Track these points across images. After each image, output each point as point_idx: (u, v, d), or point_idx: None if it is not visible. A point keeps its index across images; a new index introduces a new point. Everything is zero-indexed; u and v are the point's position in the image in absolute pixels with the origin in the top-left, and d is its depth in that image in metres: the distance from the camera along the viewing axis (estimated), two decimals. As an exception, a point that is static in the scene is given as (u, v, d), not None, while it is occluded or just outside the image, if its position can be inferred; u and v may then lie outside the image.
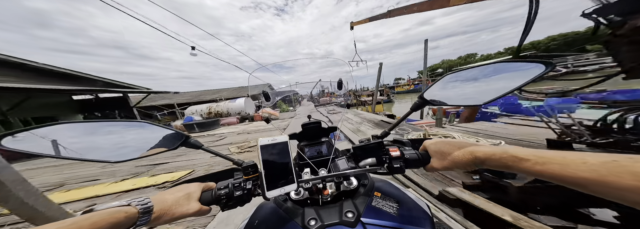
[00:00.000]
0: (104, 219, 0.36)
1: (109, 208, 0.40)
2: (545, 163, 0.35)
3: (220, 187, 0.58)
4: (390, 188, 0.71)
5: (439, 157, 0.55)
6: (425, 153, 0.60)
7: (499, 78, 0.58)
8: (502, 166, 0.42)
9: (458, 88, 0.65)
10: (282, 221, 0.59)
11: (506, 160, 0.41)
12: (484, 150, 0.45)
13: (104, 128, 0.57)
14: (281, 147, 0.56)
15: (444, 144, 0.55)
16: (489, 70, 0.60)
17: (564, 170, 0.33)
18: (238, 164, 0.64)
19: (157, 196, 0.49)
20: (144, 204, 0.44)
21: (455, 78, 0.65)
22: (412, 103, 0.71)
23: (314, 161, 0.78)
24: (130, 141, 0.59)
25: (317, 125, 0.91)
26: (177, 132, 0.64)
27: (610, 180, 0.29)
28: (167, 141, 0.63)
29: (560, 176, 0.33)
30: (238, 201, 0.57)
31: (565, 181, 0.33)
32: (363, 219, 0.54)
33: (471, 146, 0.49)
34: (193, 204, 0.51)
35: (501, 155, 0.42)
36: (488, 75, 0.60)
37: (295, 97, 3.61)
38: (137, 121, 0.61)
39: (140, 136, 0.61)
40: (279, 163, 0.55)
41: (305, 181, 0.62)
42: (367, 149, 0.65)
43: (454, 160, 0.51)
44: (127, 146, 0.58)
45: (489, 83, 0.59)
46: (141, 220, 0.42)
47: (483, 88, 0.60)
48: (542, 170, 0.35)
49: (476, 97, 0.60)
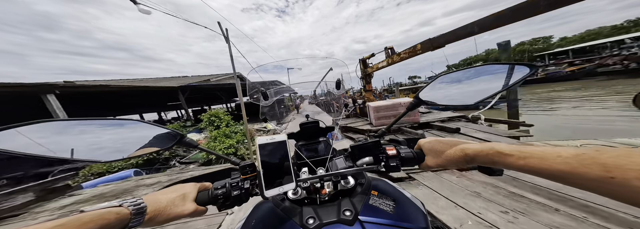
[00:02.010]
0: (93, 221, 0.35)
1: (99, 209, 0.38)
2: (526, 158, 0.36)
3: (217, 187, 0.57)
4: (387, 187, 0.72)
5: (433, 155, 0.57)
6: (420, 152, 0.61)
7: (487, 80, 0.61)
8: (490, 162, 0.43)
9: (450, 89, 0.67)
10: (280, 221, 0.59)
11: (492, 156, 0.42)
12: (474, 147, 0.47)
13: (93, 127, 0.55)
14: (279, 146, 0.56)
15: (437, 143, 0.57)
16: (479, 71, 0.63)
17: (542, 163, 0.34)
18: (235, 163, 0.63)
19: (150, 197, 0.47)
20: (136, 204, 0.42)
21: (447, 80, 0.68)
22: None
23: (311, 161, 0.78)
24: (123, 140, 0.58)
25: (315, 124, 0.91)
26: (171, 131, 0.62)
27: (581, 171, 0.30)
28: (160, 140, 0.61)
29: (539, 170, 0.35)
30: (235, 200, 0.56)
31: (543, 174, 0.35)
32: (361, 217, 0.55)
33: (462, 144, 0.51)
34: (188, 205, 0.50)
35: (488, 151, 0.43)
36: (475, 77, 0.63)
37: (291, 100, 3.39)
38: (131, 120, 0.60)
39: (134, 135, 0.59)
40: (277, 163, 0.55)
41: (303, 180, 0.62)
42: (364, 148, 0.66)
43: (446, 158, 0.52)
44: (119, 146, 0.57)
45: (478, 85, 0.62)
46: (133, 221, 0.40)
47: (473, 89, 0.63)
48: (523, 164, 0.37)
49: (467, 97, 0.63)
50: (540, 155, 0.35)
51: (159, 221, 0.45)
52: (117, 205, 0.41)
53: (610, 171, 0.27)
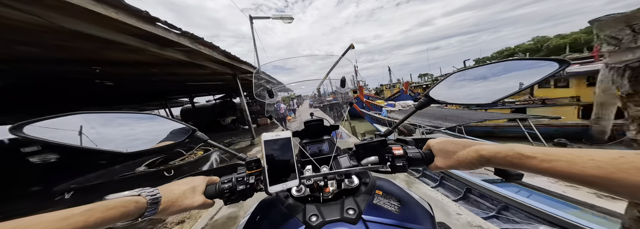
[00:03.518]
0: (116, 208, 0.38)
1: (121, 197, 0.42)
2: (552, 161, 0.34)
3: (224, 181, 0.59)
4: (392, 187, 0.71)
5: (443, 156, 0.55)
6: (428, 152, 0.60)
7: (508, 77, 0.57)
8: (508, 165, 0.41)
9: (466, 87, 0.63)
10: (283, 217, 0.59)
11: (512, 158, 0.40)
12: (490, 148, 0.45)
13: (117, 120, 0.59)
14: (284, 143, 0.57)
15: (448, 143, 0.55)
16: (499, 68, 0.59)
17: (571, 167, 0.32)
18: (241, 159, 0.65)
19: (165, 187, 0.51)
20: (153, 195, 0.45)
21: (462, 77, 0.64)
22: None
23: (316, 159, 0.78)
24: (142, 133, 0.62)
25: (320, 122, 0.92)
26: (185, 126, 0.66)
27: (618, 176, 0.28)
28: (175, 134, 0.65)
29: (568, 174, 0.32)
30: (241, 195, 0.58)
31: (572, 179, 0.32)
32: (364, 216, 0.55)
33: (476, 145, 0.48)
34: (198, 198, 0.53)
35: (507, 153, 0.41)
36: (497, 74, 0.59)
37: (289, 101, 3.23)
38: (148, 113, 0.64)
39: (151, 129, 0.63)
40: (282, 159, 0.56)
41: (306, 177, 0.62)
42: (370, 147, 0.65)
43: (458, 159, 0.50)
44: (138, 138, 0.61)
45: (498, 82, 0.59)
46: (149, 211, 0.43)
47: (492, 86, 0.59)
48: (548, 167, 0.34)
49: (485, 95, 0.60)
50: (569, 158, 0.32)
51: (171, 212, 0.48)
52: (137, 194, 0.44)
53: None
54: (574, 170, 0.31)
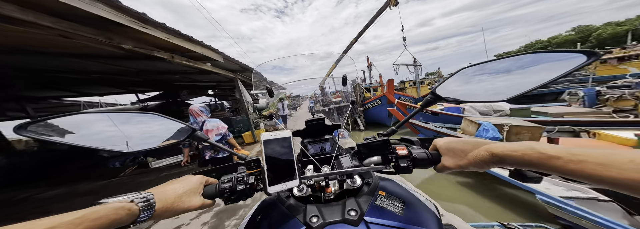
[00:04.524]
0: (106, 215, 0.36)
1: (113, 203, 0.40)
2: (581, 162, 0.30)
3: (224, 181, 0.58)
4: (396, 188, 0.69)
5: (451, 156, 0.52)
6: (435, 153, 0.57)
7: (530, 71, 0.52)
8: (526, 164, 0.37)
9: (479, 83, 0.59)
10: (284, 218, 0.59)
11: (531, 158, 0.36)
12: (503, 146, 0.41)
13: (119, 119, 0.60)
14: (284, 143, 0.56)
15: (456, 142, 0.52)
16: (523, 61, 0.53)
17: (606, 170, 0.28)
18: (241, 158, 0.64)
19: (159, 190, 0.49)
20: (146, 200, 0.43)
21: (474, 72, 0.60)
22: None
23: (317, 159, 0.77)
24: (142, 132, 0.62)
25: (321, 122, 0.90)
26: (185, 125, 0.66)
27: None
28: (175, 133, 0.65)
29: (601, 178, 0.29)
30: (241, 195, 0.58)
31: (607, 183, 0.28)
32: (366, 217, 0.53)
33: (487, 143, 0.45)
34: (196, 199, 0.52)
35: (524, 151, 0.37)
36: (518, 68, 0.54)
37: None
38: (148, 113, 0.64)
39: (151, 128, 0.64)
40: (282, 159, 0.55)
41: (307, 177, 0.61)
42: (372, 147, 0.63)
43: (467, 159, 0.47)
44: (138, 137, 0.61)
45: (517, 76, 0.54)
46: (142, 217, 0.42)
47: (507, 82, 0.55)
48: (577, 169, 0.31)
49: (501, 91, 0.55)
50: (602, 160, 0.29)
51: (168, 215, 0.47)
52: (129, 201, 0.42)
53: None
54: (610, 173, 0.28)
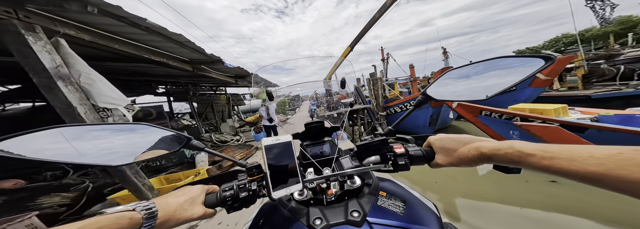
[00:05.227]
0: (108, 225, 0.36)
1: (114, 213, 0.39)
2: (552, 158, 0.34)
3: (225, 189, 0.57)
4: (396, 188, 0.70)
5: (444, 153, 0.55)
6: (429, 150, 0.60)
7: (498, 74, 0.60)
8: (508, 162, 0.41)
9: (458, 85, 0.66)
10: (287, 221, 0.58)
11: (512, 156, 0.40)
12: (490, 145, 0.45)
13: (104, 132, 0.56)
14: (285, 147, 0.56)
15: (449, 140, 0.55)
16: (488, 66, 0.62)
17: (571, 164, 0.32)
18: (242, 165, 0.63)
19: (160, 200, 0.48)
20: (148, 209, 0.42)
21: (457, 75, 0.67)
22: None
23: (317, 161, 0.77)
24: (133, 144, 0.59)
25: (320, 124, 0.91)
26: (179, 134, 0.63)
27: (618, 173, 0.27)
28: (169, 143, 0.62)
29: (568, 171, 0.32)
30: (244, 202, 0.57)
31: (572, 176, 0.32)
32: (369, 218, 0.54)
33: (477, 141, 0.48)
34: (197, 209, 0.51)
35: (507, 150, 0.41)
36: (486, 71, 0.62)
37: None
38: (140, 123, 0.61)
39: (143, 139, 0.61)
40: (283, 164, 0.55)
41: (309, 180, 0.61)
42: (371, 147, 0.65)
43: (459, 156, 0.50)
44: (128, 149, 0.58)
45: (488, 79, 0.61)
46: (145, 226, 0.40)
47: (483, 84, 0.62)
48: (549, 165, 0.34)
49: (476, 92, 0.62)
50: (568, 155, 0.32)
51: (169, 226, 0.46)
52: (131, 209, 0.41)
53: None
54: (574, 167, 0.31)
